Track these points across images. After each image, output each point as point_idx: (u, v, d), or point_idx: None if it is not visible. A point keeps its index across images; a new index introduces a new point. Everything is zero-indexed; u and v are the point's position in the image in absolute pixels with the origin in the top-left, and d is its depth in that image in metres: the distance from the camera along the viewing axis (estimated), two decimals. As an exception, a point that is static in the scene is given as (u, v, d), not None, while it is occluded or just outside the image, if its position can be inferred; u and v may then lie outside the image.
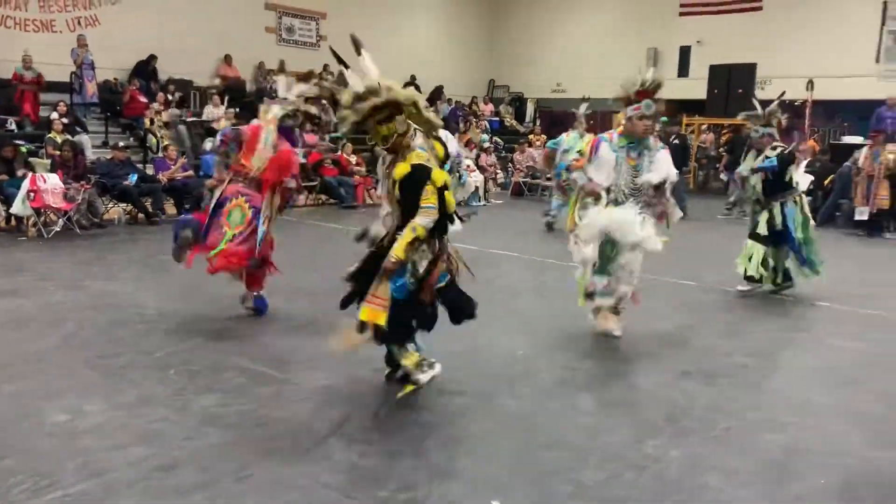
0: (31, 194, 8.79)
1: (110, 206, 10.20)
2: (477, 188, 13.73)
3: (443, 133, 8.63)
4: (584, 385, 4.32)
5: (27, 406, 3.74)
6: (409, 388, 3.99)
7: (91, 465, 3.14)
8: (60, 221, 9.10)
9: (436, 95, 18.77)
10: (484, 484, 3.08)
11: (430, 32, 20.30)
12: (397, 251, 3.60)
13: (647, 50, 19.46)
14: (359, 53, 3.80)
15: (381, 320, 3.69)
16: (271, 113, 5.48)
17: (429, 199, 3.60)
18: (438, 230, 3.76)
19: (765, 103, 6.80)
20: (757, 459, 3.39)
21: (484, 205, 13.94)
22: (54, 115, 11.26)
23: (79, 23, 13.68)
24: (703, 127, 16.73)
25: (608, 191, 4.88)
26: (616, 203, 4.88)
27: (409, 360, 3.96)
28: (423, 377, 4.01)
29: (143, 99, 13.27)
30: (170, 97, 13.76)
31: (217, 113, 13.25)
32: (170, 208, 10.73)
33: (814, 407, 4.07)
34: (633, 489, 3.08)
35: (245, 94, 15.59)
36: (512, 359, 4.77)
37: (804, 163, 12.19)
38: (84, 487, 2.94)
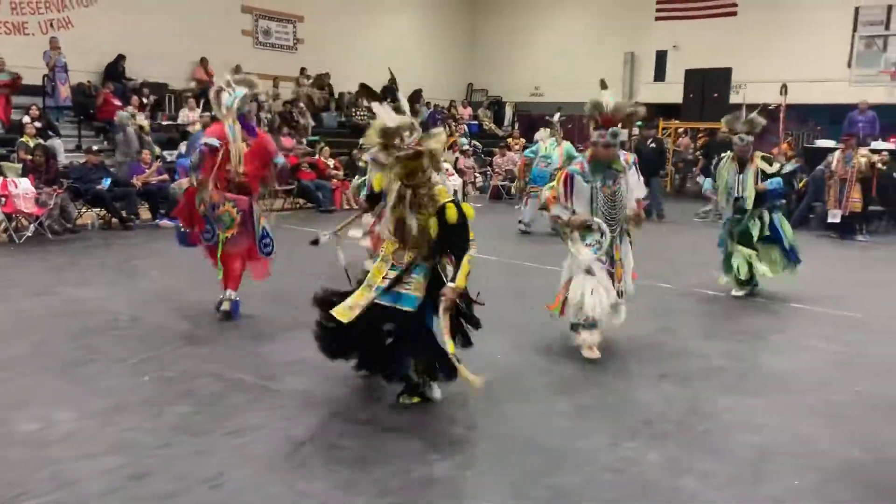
0: (2, 199, 8.65)
1: (83, 210, 10.04)
2: (455, 192, 13.74)
3: None
4: (560, 388, 4.32)
5: (-4, 415, 3.66)
6: (416, 399, 3.95)
7: (62, 474, 3.08)
8: (32, 227, 8.95)
9: (414, 99, 18.76)
10: (461, 489, 3.07)
11: (409, 36, 20.30)
12: (460, 282, 3.72)
13: (624, 54, 19.58)
14: (375, 100, 3.89)
15: (452, 348, 3.74)
16: (224, 106, 5.46)
17: (469, 233, 3.80)
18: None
19: (748, 109, 6.85)
20: (733, 461, 3.41)
21: (463, 208, 13.94)
22: (26, 119, 11.08)
23: (51, 25, 13.47)
24: (680, 131, 16.92)
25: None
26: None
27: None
28: (437, 394, 3.98)
29: (116, 102, 13.10)
30: (144, 100, 13.60)
31: (192, 116, 13.13)
32: (144, 213, 10.60)
33: (789, 408, 4.11)
34: (610, 492, 3.09)
35: (221, 98, 15.48)
36: (489, 362, 4.75)
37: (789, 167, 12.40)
38: (55, 497, 2.89)
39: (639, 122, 17.30)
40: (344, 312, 3.73)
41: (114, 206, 10.00)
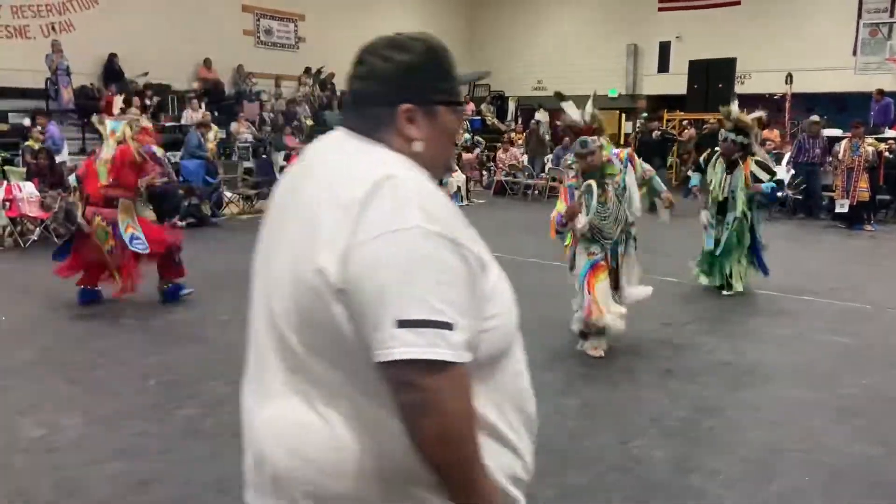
0: (7, 203, 8.68)
1: (89, 213, 10.05)
2: (459, 188, 13.71)
3: None
4: (565, 387, 4.30)
5: (2, 421, 3.68)
6: None
7: (68, 481, 3.09)
8: (37, 230, 8.97)
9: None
10: (467, 491, 3.05)
11: (407, 30, 20.22)
12: None
13: (627, 46, 19.56)
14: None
15: None
16: (110, 128, 5.95)
17: None
18: None
19: (741, 101, 6.74)
20: (741, 458, 3.39)
21: (466, 204, 13.92)
22: (27, 122, 11.10)
23: (53, 28, 13.49)
24: (686, 122, 16.82)
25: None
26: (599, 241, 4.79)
27: None
28: None
29: (120, 104, 13.09)
30: (147, 102, 13.61)
31: (195, 117, 13.13)
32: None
33: (796, 403, 4.08)
34: (617, 491, 3.07)
35: (224, 97, 15.49)
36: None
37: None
38: (60, 505, 2.89)
39: (643, 115, 17.28)
40: None
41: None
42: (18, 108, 12.35)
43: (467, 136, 17.15)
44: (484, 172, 16.58)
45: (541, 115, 10.83)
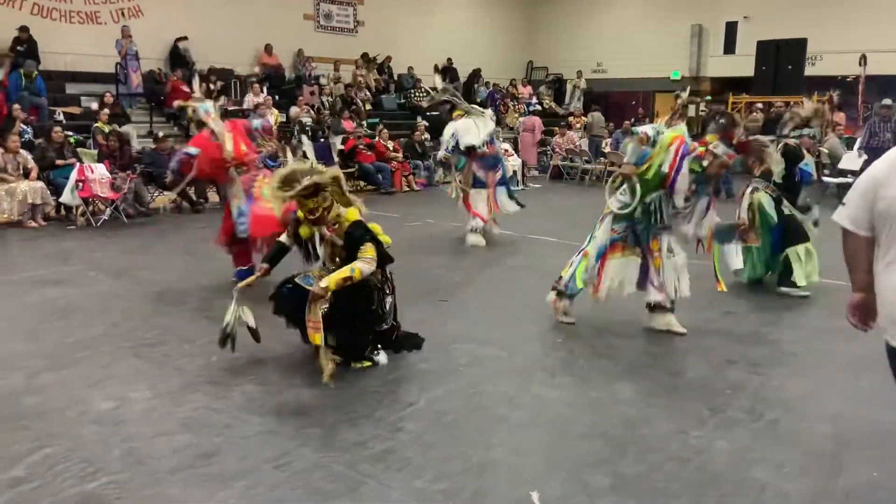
0: (80, 184, 9.02)
1: (156, 194, 10.40)
2: (514, 172, 13.59)
3: (486, 113, 8.59)
4: (623, 374, 4.24)
5: (74, 394, 3.84)
6: (367, 364, 4.25)
7: (135, 452, 3.20)
8: (108, 211, 9.32)
9: (473, 78, 18.63)
10: (520, 475, 3.05)
11: (468, 15, 20.11)
12: (329, 282, 3.94)
13: (691, 27, 18.96)
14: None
15: (318, 340, 3.96)
16: (203, 109, 6.20)
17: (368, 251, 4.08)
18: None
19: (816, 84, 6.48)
20: (806, 451, 3.29)
21: (522, 189, 13.81)
22: (94, 106, 11.50)
23: (122, 14, 13.90)
24: (758, 106, 16.19)
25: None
26: (646, 219, 4.79)
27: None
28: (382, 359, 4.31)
29: (185, 89, 13.43)
30: (211, 86, 13.92)
31: (257, 101, 13.37)
32: (213, 196, 10.89)
33: (864, 396, 3.92)
34: (674, 481, 3.01)
35: (285, 82, 15.71)
36: (549, 346, 4.71)
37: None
38: (129, 475, 3.01)
39: (707, 97, 16.78)
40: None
41: (184, 190, 10.30)
42: (89, 92, 12.80)
43: (522, 119, 16.98)
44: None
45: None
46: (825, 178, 13.31)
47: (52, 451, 3.18)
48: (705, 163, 4.59)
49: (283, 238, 4.47)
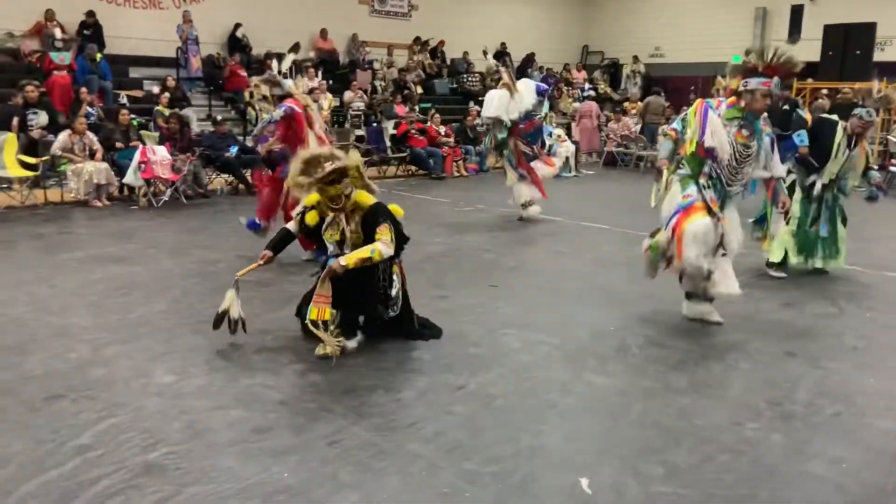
0: (142, 165, 9.29)
1: (214, 176, 10.64)
2: (567, 158, 13.45)
3: (527, 84, 8.87)
4: (677, 364, 4.17)
5: (137, 367, 3.98)
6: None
7: (194, 424, 3.31)
8: (168, 191, 9.58)
9: (526, 63, 18.44)
10: (570, 461, 3.04)
11: (522, -1, 19.89)
12: (349, 260, 3.96)
13: (755, 10, 18.35)
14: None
15: (327, 315, 4.01)
16: (288, 85, 6.88)
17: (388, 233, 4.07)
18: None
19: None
20: (867, 448, 3.19)
21: (574, 175, 13.65)
22: (155, 89, 11.80)
23: (184, -1, 14.23)
24: (823, 92, 15.60)
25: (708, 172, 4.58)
26: (712, 185, 4.57)
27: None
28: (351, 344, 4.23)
29: (242, 73, 13.69)
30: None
31: (311, 85, 13.52)
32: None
33: (933, 394, 3.78)
34: (728, 473, 2.96)
35: (339, 66, 15.85)
36: (602, 334, 4.67)
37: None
38: (188, 446, 3.10)
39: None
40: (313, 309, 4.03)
41: (241, 172, 10.53)
42: (151, 76, 13.15)
43: (577, 105, 16.75)
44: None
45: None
46: (892, 168, 12.77)
47: (117, 421, 3.31)
48: (742, 104, 4.48)
49: (290, 225, 4.48)
